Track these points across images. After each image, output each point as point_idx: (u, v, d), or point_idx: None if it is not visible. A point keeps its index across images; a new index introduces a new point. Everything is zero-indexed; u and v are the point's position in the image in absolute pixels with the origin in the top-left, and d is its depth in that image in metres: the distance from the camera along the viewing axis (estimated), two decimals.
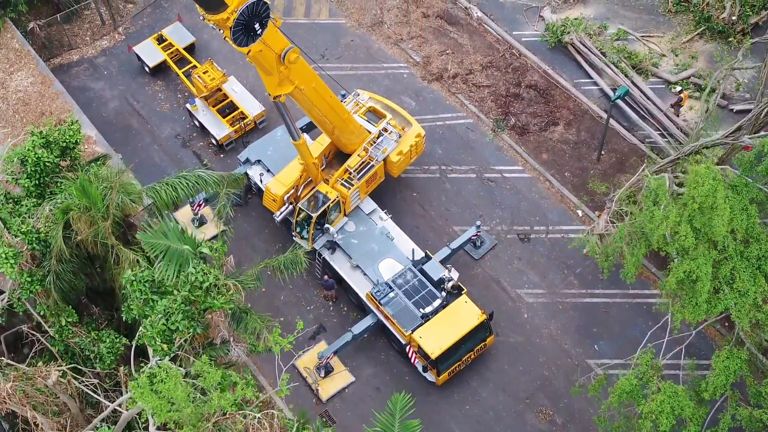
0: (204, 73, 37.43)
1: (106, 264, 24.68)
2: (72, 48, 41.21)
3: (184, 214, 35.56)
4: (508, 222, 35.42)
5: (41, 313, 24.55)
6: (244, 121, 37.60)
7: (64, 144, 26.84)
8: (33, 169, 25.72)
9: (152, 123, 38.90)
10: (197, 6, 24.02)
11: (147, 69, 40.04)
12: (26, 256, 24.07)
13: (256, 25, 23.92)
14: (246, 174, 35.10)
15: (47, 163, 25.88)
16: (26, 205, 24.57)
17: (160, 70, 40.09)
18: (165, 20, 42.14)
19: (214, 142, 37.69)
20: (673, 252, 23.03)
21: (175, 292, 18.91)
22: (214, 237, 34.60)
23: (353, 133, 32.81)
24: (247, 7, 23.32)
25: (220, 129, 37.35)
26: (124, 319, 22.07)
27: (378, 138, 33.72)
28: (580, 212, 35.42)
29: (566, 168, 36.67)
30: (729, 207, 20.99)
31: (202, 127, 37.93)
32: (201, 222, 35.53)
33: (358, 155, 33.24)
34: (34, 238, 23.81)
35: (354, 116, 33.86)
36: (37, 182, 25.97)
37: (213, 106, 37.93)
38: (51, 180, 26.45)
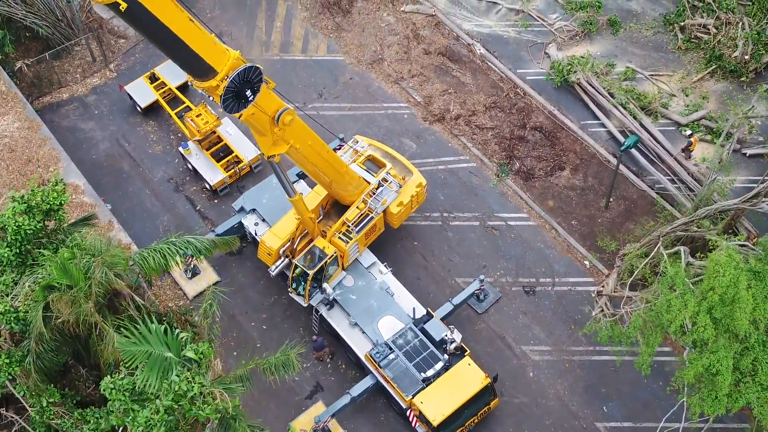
0: (197, 116, 36.14)
1: (90, 340, 23.37)
2: (62, 86, 39.89)
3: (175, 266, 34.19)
4: (513, 273, 34.07)
5: (21, 394, 23.21)
6: (239, 165, 36.29)
7: (48, 207, 25.53)
8: (13, 237, 24.39)
9: (144, 166, 37.57)
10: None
11: (139, 109, 38.73)
12: (4, 335, 22.75)
13: (248, 92, 22.56)
14: (240, 223, 33.93)
15: (28, 231, 24.55)
16: (4, 282, 23.21)
17: (153, 109, 38.78)
18: (158, 56, 40.70)
19: (208, 187, 36.37)
20: (689, 343, 21.69)
21: (158, 401, 17.56)
22: (215, 284, 33.38)
23: (351, 184, 31.49)
24: (238, 73, 21.97)
25: (214, 174, 36.03)
26: (102, 427, 20.66)
27: (377, 188, 32.38)
28: (587, 263, 34.07)
29: (573, 216, 35.32)
30: (751, 296, 19.66)
31: (195, 171, 36.60)
32: (194, 273, 34.23)
33: (357, 207, 31.90)
34: (12, 318, 22.48)
35: (352, 166, 32.57)
36: (18, 251, 24.65)
37: (207, 150, 36.62)
38: (33, 247, 25.15)
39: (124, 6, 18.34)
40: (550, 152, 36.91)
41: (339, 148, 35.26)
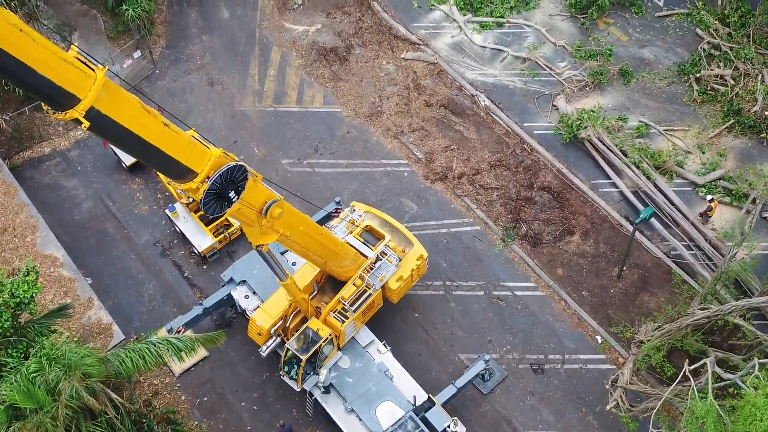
0: None
1: None
2: (43, 140, 37.83)
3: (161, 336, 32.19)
4: (520, 349, 32.01)
5: None
6: (229, 230, 34.23)
7: (18, 301, 23.52)
8: None
9: (129, 228, 35.50)
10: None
11: (124, 166, 36.68)
12: None
13: (231, 193, 20.50)
14: (230, 295, 31.91)
15: None
16: None
17: (139, 166, 36.71)
18: None
19: (196, 252, 34.31)
20: None
21: None
22: (203, 359, 31.45)
23: (346, 260, 29.41)
24: (220, 174, 19.91)
25: (202, 239, 33.97)
26: None
27: (375, 263, 30.30)
28: (599, 338, 32.01)
29: (583, 286, 33.25)
30: None
31: (183, 234, 34.55)
32: None
33: (354, 284, 29.82)
34: None
35: (349, 238, 30.50)
36: None
37: (195, 212, 34.55)
38: (0, 348, 23.14)
39: (86, 126, 16.31)
40: (559, 215, 34.84)
41: (335, 212, 33.30)
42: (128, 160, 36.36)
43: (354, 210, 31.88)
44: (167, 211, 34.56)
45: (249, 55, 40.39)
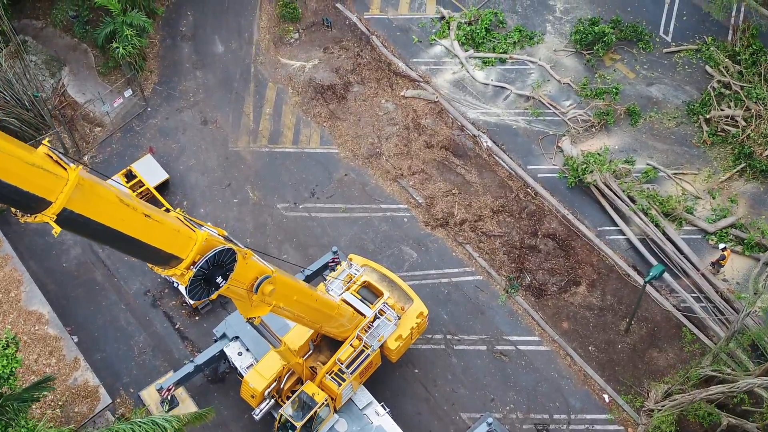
0: None
1: None
2: None
3: (151, 395, 31.06)
4: (524, 408, 30.76)
5: None
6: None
7: None
8: None
9: (119, 276, 34.26)
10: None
11: None
12: None
13: (219, 278, 19.24)
14: (222, 351, 30.68)
15: None
16: None
17: None
18: (136, 146, 37.51)
19: (188, 302, 33.08)
20: None
21: None
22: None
23: (343, 319, 28.15)
24: (206, 260, 18.64)
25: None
26: None
27: (374, 321, 29.06)
28: (606, 397, 30.76)
29: (590, 340, 32.00)
30: None
31: (174, 283, 33.33)
32: (171, 405, 30.87)
33: (351, 345, 28.57)
34: None
35: (346, 295, 29.26)
36: None
37: None
38: None
39: (57, 231, 15.07)
40: (564, 264, 33.59)
41: (332, 262, 32.10)
42: None
43: (351, 264, 30.63)
44: None
45: (244, 91, 39.13)
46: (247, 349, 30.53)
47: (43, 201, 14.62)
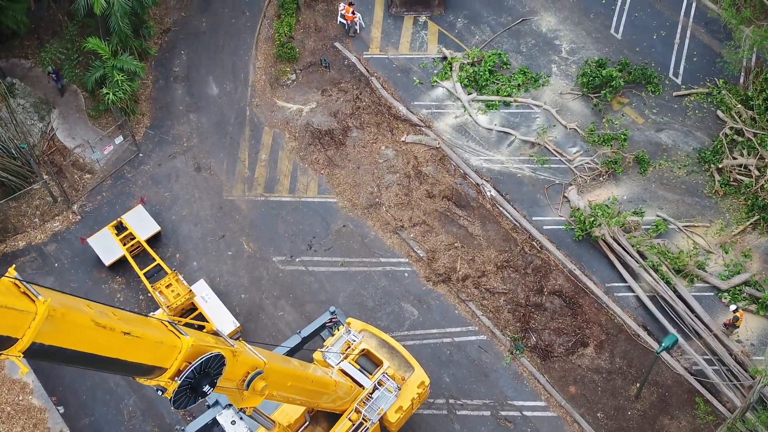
0: (167, 286, 31.59)
1: None
2: (18, 232, 35.30)
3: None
4: None
5: None
6: None
7: None
8: None
9: None
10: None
11: (104, 263, 34.16)
12: None
13: (206, 387, 17.94)
14: (215, 419, 29.34)
15: None
16: None
17: (120, 263, 34.17)
18: (128, 194, 36.23)
19: None
20: None
21: None
22: None
23: (340, 392, 26.84)
24: (193, 369, 17.34)
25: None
26: None
27: (373, 392, 27.73)
28: None
29: (598, 406, 30.69)
30: None
31: None
32: None
33: (349, 419, 27.23)
34: None
35: (344, 364, 27.93)
36: None
37: (179, 319, 32.02)
38: None
39: (24, 371, 13.78)
40: (571, 323, 32.28)
41: (330, 323, 30.75)
42: (108, 258, 33.87)
43: (349, 330, 29.30)
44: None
45: (239, 136, 37.82)
46: (241, 418, 29.17)
47: (7, 339, 13.33)
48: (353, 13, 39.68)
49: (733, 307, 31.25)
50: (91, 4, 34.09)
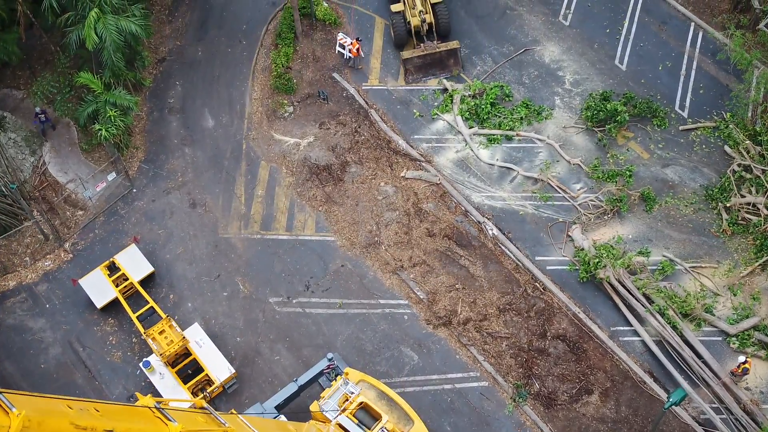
0: (160, 333, 30.77)
1: None
2: (8, 272, 34.51)
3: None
4: None
5: None
6: (210, 388, 30.86)
7: None
8: None
9: (101, 379, 32.18)
10: None
11: (96, 306, 33.33)
12: None
13: None
14: None
15: None
16: None
17: (113, 305, 33.37)
18: (121, 232, 35.41)
19: None
20: None
21: None
22: None
23: None
24: None
25: (180, 397, 30.56)
26: None
27: None
28: None
29: None
30: None
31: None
32: None
33: None
34: None
35: (342, 418, 27.15)
36: None
37: (172, 366, 31.25)
38: None
39: None
40: (576, 369, 31.43)
41: (327, 369, 29.96)
42: (100, 301, 33.07)
43: (347, 382, 28.45)
44: (142, 366, 31.24)
45: (235, 171, 36.96)
46: None
47: None
48: (358, 50, 38.65)
49: (741, 358, 30.35)
50: (83, 38, 33.25)
